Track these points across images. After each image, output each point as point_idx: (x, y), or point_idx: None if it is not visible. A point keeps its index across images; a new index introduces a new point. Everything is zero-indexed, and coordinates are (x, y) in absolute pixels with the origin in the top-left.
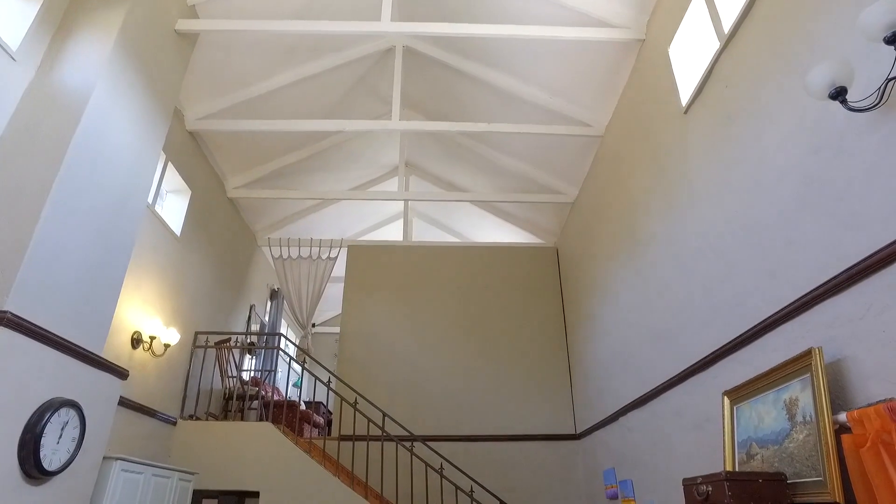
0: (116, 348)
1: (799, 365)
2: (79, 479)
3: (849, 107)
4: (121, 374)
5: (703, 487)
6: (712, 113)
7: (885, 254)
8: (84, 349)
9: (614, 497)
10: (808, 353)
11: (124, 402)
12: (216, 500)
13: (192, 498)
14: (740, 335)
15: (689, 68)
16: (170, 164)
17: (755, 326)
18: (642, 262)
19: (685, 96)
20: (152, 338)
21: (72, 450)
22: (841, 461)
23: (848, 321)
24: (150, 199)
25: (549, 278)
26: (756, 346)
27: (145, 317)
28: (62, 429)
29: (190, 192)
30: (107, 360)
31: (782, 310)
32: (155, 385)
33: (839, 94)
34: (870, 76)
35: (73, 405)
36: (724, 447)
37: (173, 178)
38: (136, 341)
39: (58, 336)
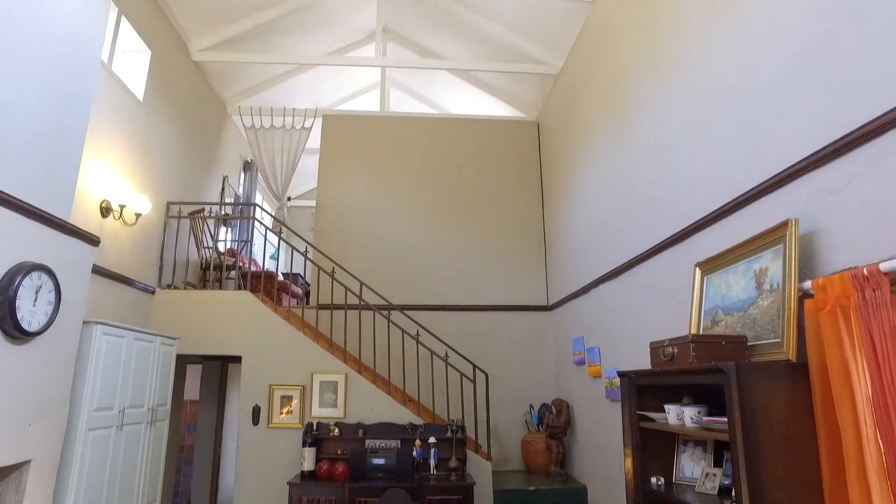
0: (85, 216)
1: (774, 236)
2: (61, 340)
3: None
4: (91, 240)
5: (669, 349)
6: None
7: (876, 125)
8: (49, 214)
9: (581, 363)
10: (783, 225)
11: (99, 271)
12: (200, 366)
13: (177, 363)
14: (718, 209)
15: None
16: (123, 18)
17: (734, 200)
18: (625, 135)
19: None
20: (122, 206)
21: (49, 312)
22: (799, 325)
23: (828, 193)
24: (104, 57)
25: (528, 153)
26: (732, 220)
27: (113, 185)
28: (36, 292)
29: (150, 53)
30: (74, 226)
31: (763, 183)
32: (129, 254)
33: None
34: None
35: (45, 269)
36: (690, 315)
37: (130, 35)
38: (105, 210)
39: (20, 200)
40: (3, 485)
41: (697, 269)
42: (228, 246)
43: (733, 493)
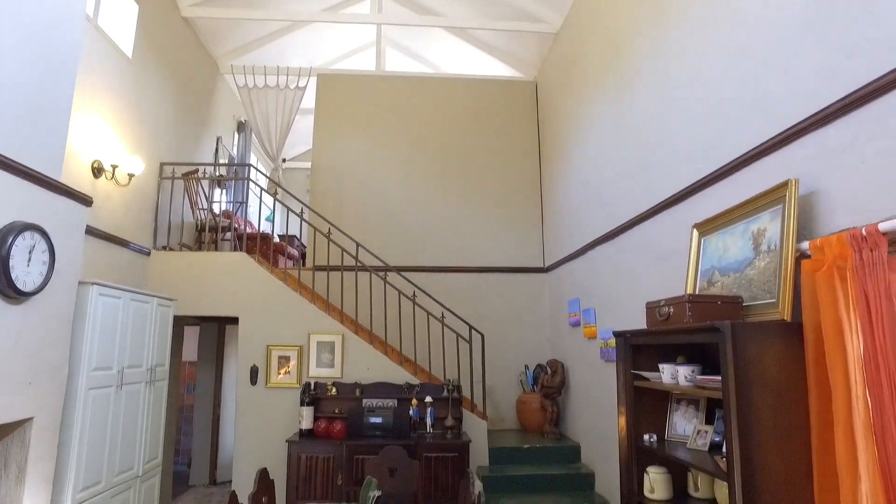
0: (76, 177)
1: (773, 196)
2: (57, 300)
3: None
4: (84, 200)
5: (665, 309)
6: None
7: (882, 83)
8: (40, 173)
9: (577, 324)
10: (783, 185)
11: (93, 232)
12: (198, 327)
13: (174, 324)
14: (717, 170)
15: None
16: None
17: (734, 161)
18: (624, 95)
19: None
20: (114, 167)
21: (44, 273)
22: (795, 286)
23: (829, 153)
24: (89, 11)
25: (526, 113)
26: (732, 181)
27: (104, 145)
28: (30, 252)
29: (137, 7)
30: (66, 186)
31: (764, 143)
32: (123, 216)
33: None
34: None
35: (38, 230)
36: (686, 276)
37: None
38: (97, 170)
39: (9, 159)
40: (8, 441)
41: (695, 230)
42: (224, 208)
43: (724, 449)
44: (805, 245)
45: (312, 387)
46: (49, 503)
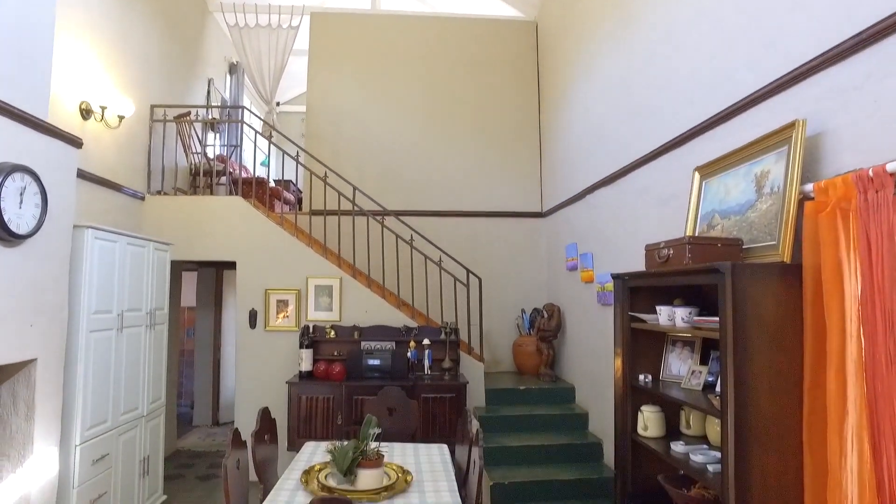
0: (65, 119)
1: (778, 138)
2: (52, 244)
3: None
4: (73, 141)
5: (665, 251)
6: None
7: None
8: (26, 112)
9: (574, 269)
10: (790, 126)
11: (85, 175)
12: (195, 273)
13: (172, 269)
14: (722, 111)
15: None
16: None
17: (739, 102)
18: (627, 34)
19: None
20: (103, 108)
21: (37, 216)
22: (796, 228)
23: (840, 92)
24: None
25: (526, 54)
26: (735, 123)
27: (91, 86)
28: (21, 194)
29: None
30: (54, 126)
31: (772, 83)
32: (115, 159)
33: None
34: None
35: (28, 171)
36: (686, 220)
37: None
38: (85, 112)
39: None
40: (14, 381)
41: (696, 173)
42: (217, 152)
43: (717, 389)
44: (809, 187)
45: (311, 330)
46: (59, 439)
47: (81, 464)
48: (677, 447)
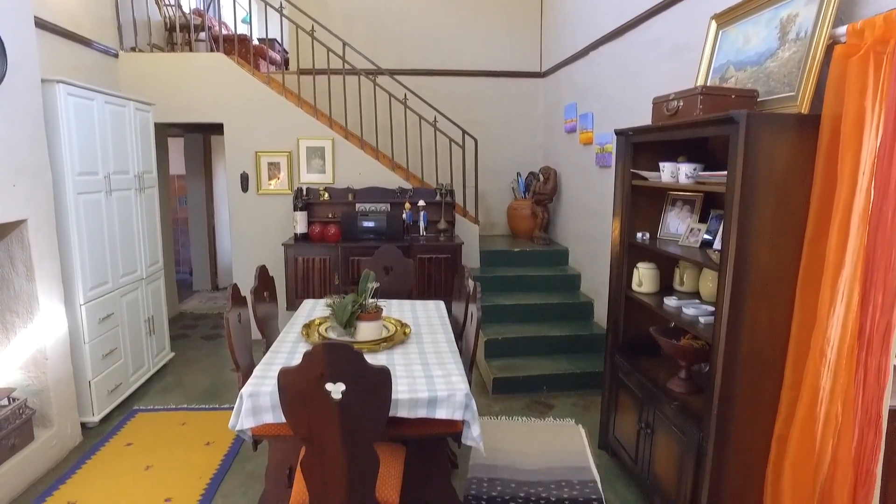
0: None
1: None
2: (20, 99)
3: None
4: None
5: (674, 103)
6: None
7: None
8: None
9: (572, 130)
10: None
11: (46, 26)
12: (182, 139)
13: (156, 134)
14: None
15: None
16: None
17: None
18: None
19: None
20: None
21: None
22: (820, 77)
23: None
24: None
25: None
26: None
27: None
28: None
29: None
30: None
31: None
32: (77, 6)
33: None
34: None
35: None
36: (698, 73)
37: None
38: None
39: None
40: (9, 242)
41: (713, 21)
42: (193, 6)
43: (718, 244)
44: (842, 30)
45: (304, 192)
46: (63, 299)
47: (89, 321)
48: (670, 302)
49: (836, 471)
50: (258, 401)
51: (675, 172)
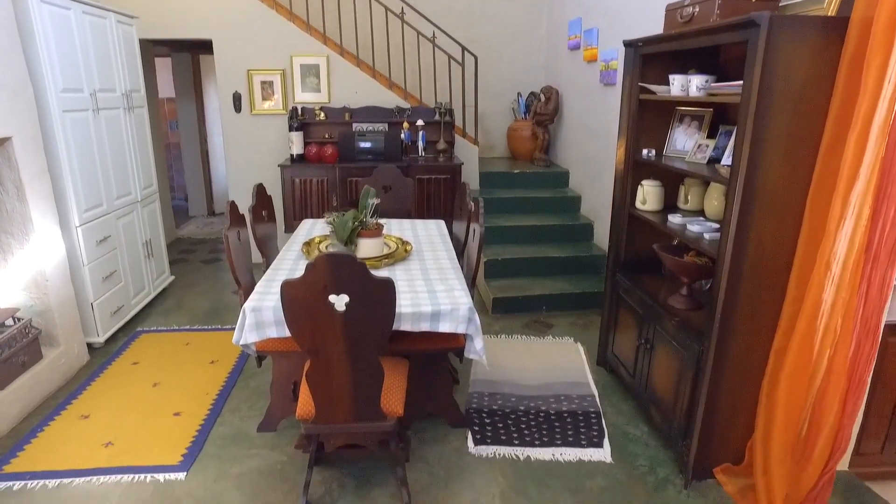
0: None
1: None
2: None
3: None
4: None
5: (689, 9)
6: None
7: None
8: None
9: (576, 47)
10: None
11: None
12: (169, 59)
13: (143, 54)
14: None
15: None
16: None
17: None
18: None
19: None
20: None
21: None
22: None
23: None
24: None
25: None
26: None
27: None
28: None
29: None
30: None
31: None
32: None
33: None
34: None
35: None
36: None
37: None
38: None
39: None
40: None
41: None
42: None
43: (726, 160)
44: None
45: (300, 112)
46: (58, 220)
47: (86, 244)
48: (674, 219)
49: (830, 380)
50: (261, 315)
51: (686, 85)
